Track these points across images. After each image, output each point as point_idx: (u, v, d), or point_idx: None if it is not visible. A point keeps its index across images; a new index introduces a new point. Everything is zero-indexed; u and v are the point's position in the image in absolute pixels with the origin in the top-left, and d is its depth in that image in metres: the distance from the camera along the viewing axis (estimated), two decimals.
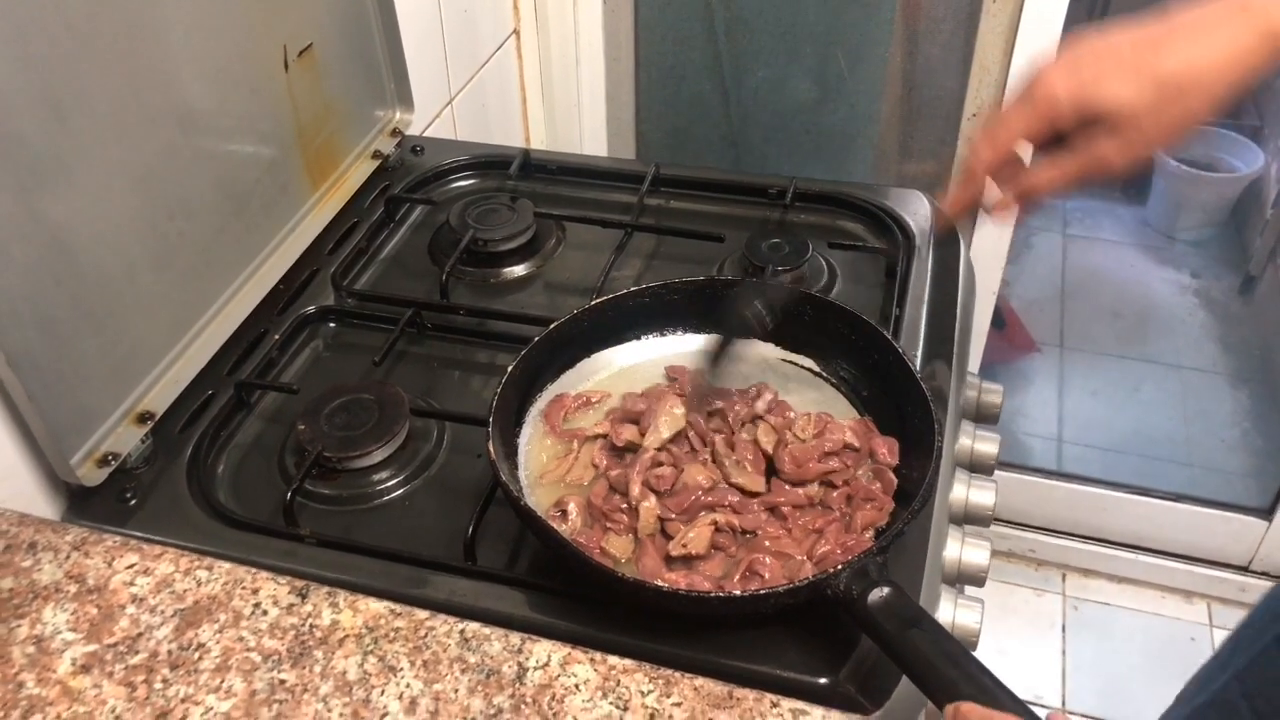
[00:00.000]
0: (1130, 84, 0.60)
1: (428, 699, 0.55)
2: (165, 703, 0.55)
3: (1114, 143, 0.62)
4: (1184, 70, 0.60)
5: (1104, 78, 0.61)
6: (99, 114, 0.70)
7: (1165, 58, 0.60)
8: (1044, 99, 0.63)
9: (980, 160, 0.66)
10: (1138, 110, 0.61)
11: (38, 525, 0.64)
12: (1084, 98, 0.61)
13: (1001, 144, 0.65)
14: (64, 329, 0.70)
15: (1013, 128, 0.65)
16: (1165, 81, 0.60)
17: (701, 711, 0.54)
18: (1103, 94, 0.61)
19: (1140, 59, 0.61)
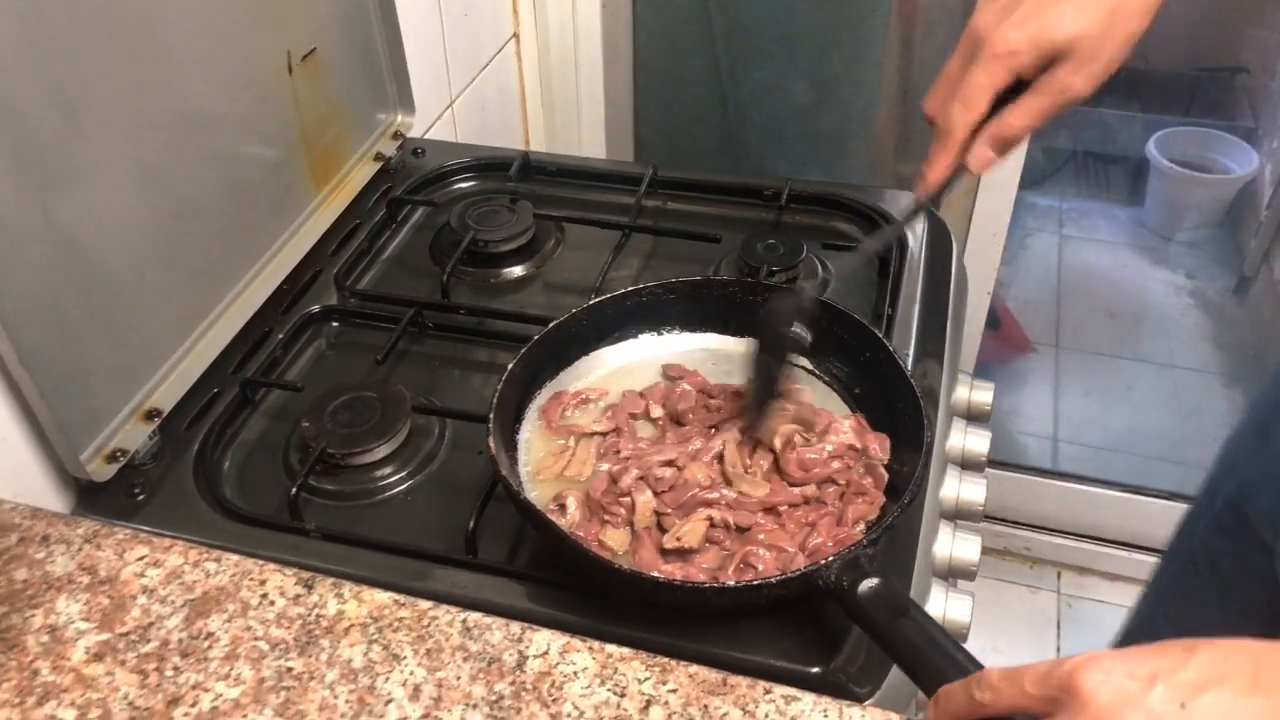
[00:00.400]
0: (1081, 15, 0.65)
1: (431, 686, 0.57)
2: (176, 689, 0.56)
3: (1075, 72, 0.66)
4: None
5: (1055, 18, 0.65)
6: (109, 116, 0.72)
7: None
8: (1004, 53, 0.66)
9: (959, 126, 0.69)
10: (1092, 37, 0.65)
11: (50, 519, 0.65)
12: (1043, 41, 0.65)
13: (975, 106, 0.69)
14: (74, 327, 0.72)
15: (981, 85, 0.68)
16: (1106, 6, 0.65)
17: (696, 698, 0.56)
18: (1060, 32, 0.65)
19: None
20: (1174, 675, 0.45)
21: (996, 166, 0.71)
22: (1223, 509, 1.06)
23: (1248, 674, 0.45)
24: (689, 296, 0.83)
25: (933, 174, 0.73)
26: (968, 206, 1.50)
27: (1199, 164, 2.38)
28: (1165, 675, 0.45)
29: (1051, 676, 0.47)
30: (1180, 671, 0.45)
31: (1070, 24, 0.65)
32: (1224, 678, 0.45)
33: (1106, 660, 0.46)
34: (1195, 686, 0.45)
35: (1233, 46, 2.43)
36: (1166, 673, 0.45)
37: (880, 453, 0.74)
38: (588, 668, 0.58)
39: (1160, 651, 0.46)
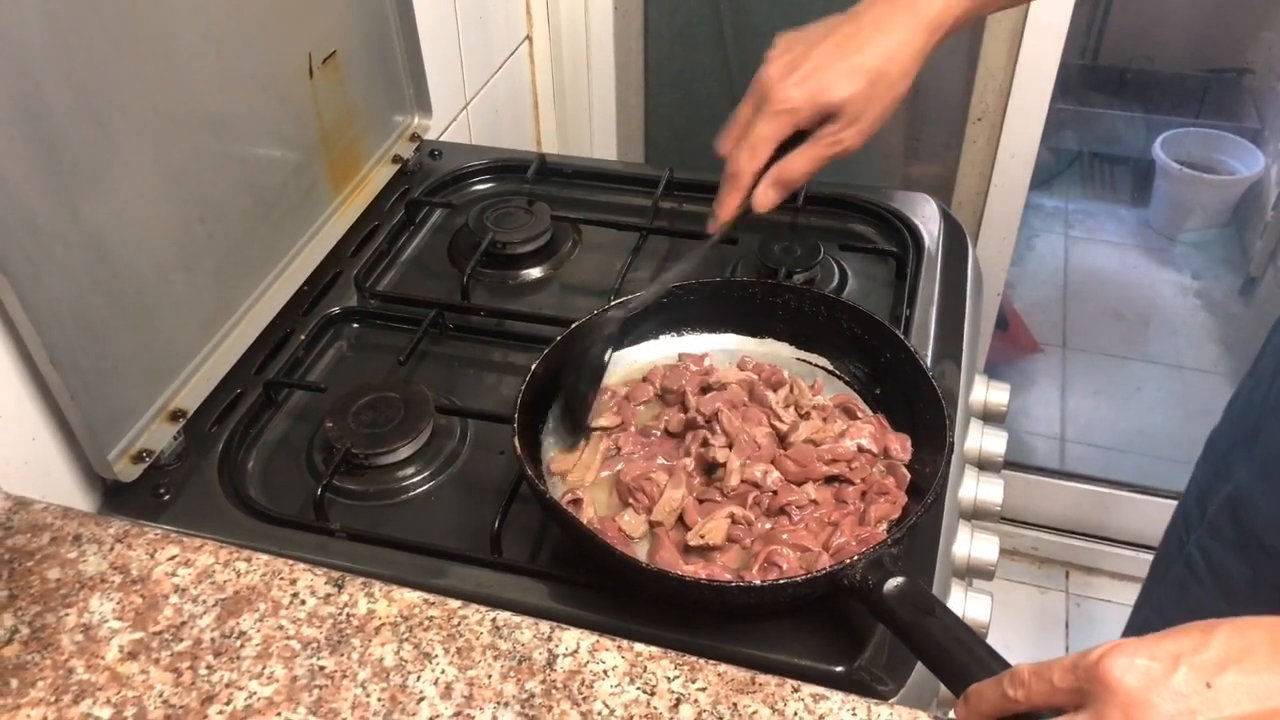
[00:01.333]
0: (849, 82, 0.75)
1: (462, 684, 0.57)
2: (210, 688, 0.57)
3: (846, 128, 0.76)
4: (883, 62, 0.75)
5: (827, 82, 0.75)
6: (136, 120, 0.72)
7: (866, 54, 0.75)
8: (786, 110, 0.76)
9: (745, 169, 0.78)
10: (859, 101, 0.75)
11: (81, 519, 0.66)
12: (818, 100, 0.75)
13: (759, 153, 0.78)
14: (102, 329, 0.72)
15: (766, 136, 0.77)
16: (872, 73, 0.75)
17: (725, 696, 0.57)
18: (831, 96, 0.75)
19: (848, 60, 0.75)
20: (1196, 656, 0.46)
21: (772, 205, 0.80)
22: (1217, 516, 1.06)
23: (1267, 648, 0.46)
24: (709, 297, 0.83)
25: (723, 212, 0.80)
26: (978, 208, 1.51)
27: (1205, 165, 2.39)
28: (1187, 656, 0.46)
29: (1077, 668, 0.47)
30: (1202, 652, 0.46)
31: (842, 88, 0.74)
32: (1244, 653, 0.46)
33: (1129, 647, 0.46)
34: (1217, 665, 0.46)
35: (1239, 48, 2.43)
36: (1188, 654, 0.46)
37: (902, 453, 0.74)
38: (617, 666, 0.58)
39: (1180, 634, 0.47)
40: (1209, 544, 1.08)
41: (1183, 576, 1.12)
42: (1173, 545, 1.16)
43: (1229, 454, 1.08)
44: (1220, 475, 1.07)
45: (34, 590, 0.62)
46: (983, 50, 1.39)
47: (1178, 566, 1.13)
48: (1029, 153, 1.43)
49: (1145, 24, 2.47)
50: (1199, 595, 1.10)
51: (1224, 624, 0.47)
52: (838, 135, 0.76)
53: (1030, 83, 1.37)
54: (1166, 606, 1.17)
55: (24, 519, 0.66)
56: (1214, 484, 1.08)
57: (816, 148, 0.77)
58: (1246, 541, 1.03)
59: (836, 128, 0.76)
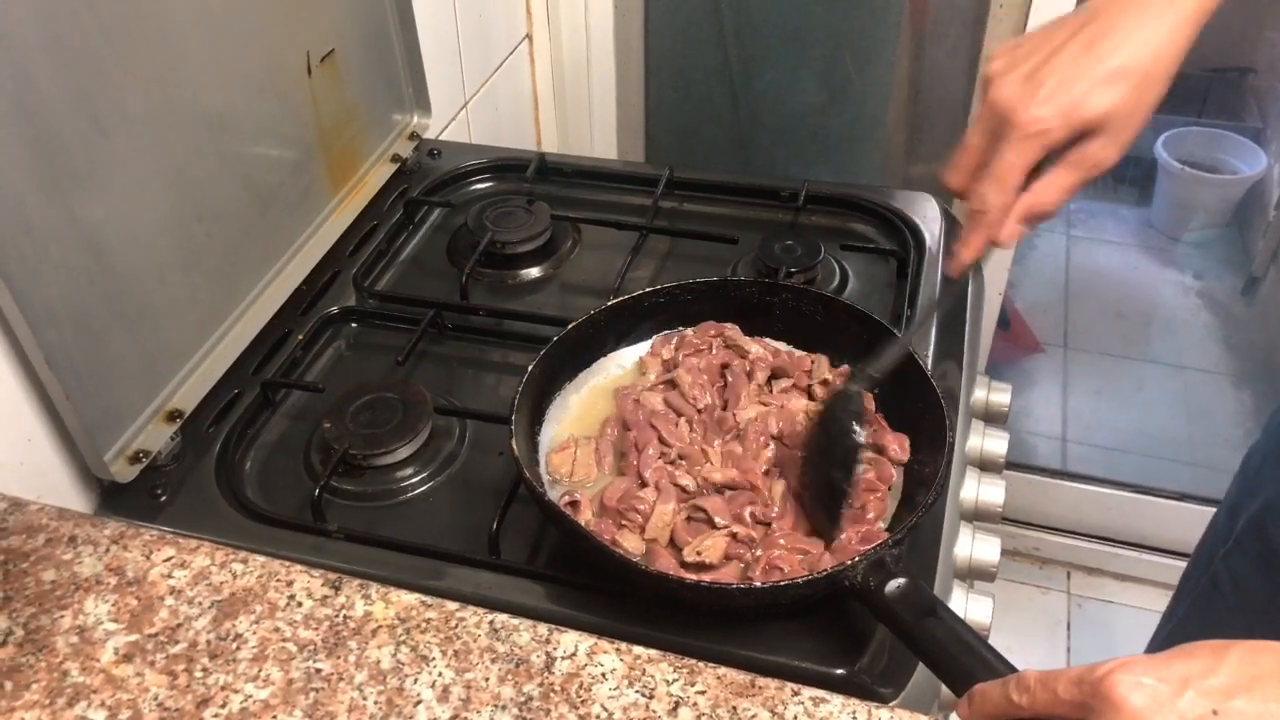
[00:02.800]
0: (1110, 91, 0.63)
1: (459, 687, 0.57)
2: (206, 690, 0.56)
3: (1107, 146, 0.65)
4: (1143, 62, 0.63)
5: (1084, 94, 0.63)
6: (133, 118, 0.72)
7: (1125, 54, 0.63)
8: (1037, 132, 0.64)
9: (994, 205, 0.67)
10: (1121, 111, 0.64)
11: (77, 520, 0.65)
12: (1075, 118, 0.64)
13: (1010, 186, 0.67)
14: (98, 329, 0.72)
15: (1015, 167, 0.66)
16: (1135, 76, 0.63)
17: (725, 699, 0.56)
18: (1091, 109, 0.63)
19: (1103, 64, 0.63)
20: (1205, 680, 0.45)
21: (1019, 239, 0.70)
22: (1245, 530, 1.05)
23: (1277, 677, 0.45)
24: (709, 297, 0.83)
25: (968, 253, 0.70)
26: None
27: (1207, 164, 2.38)
28: (1196, 680, 0.45)
29: (1083, 682, 0.47)
30: (1211, 676, 0.45)
31: (1103, 100, 0.63)
32: (1255, 681, 0.45)
33: (1137, 666, 0.46)
34: (1226, 691, 0.45)
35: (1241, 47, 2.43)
36: (1197, 677, 0.45)
37: (900, 453, 0.74)
38: (616, 669, 0.58)
39: (1190, 655, 0.46)
40: (1235, 559, 1.06)
41: (1207, 591, 1.10)
42: (1201, 560, 1.15)
43: (1261, 469, 1.06)
44: (1252, 491, 1.06)
45: (29, 592, 0.61)
46: (984, 49, 1.38)
47: (1204, 581, 1.11)
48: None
49: None
50: (1221, 610, 1.09)
51: (1236, 647, 0.46)
52: (1098, 155, 0.65)
53: None
54: (1190, 621, 1.16)
55: (19, 520, 0.65)
56: (1245, 499, 1.07)
57: (1073, 172, 0.66)
58: (1270, 557, 1.01)
59: (1096, 146, 0.65)
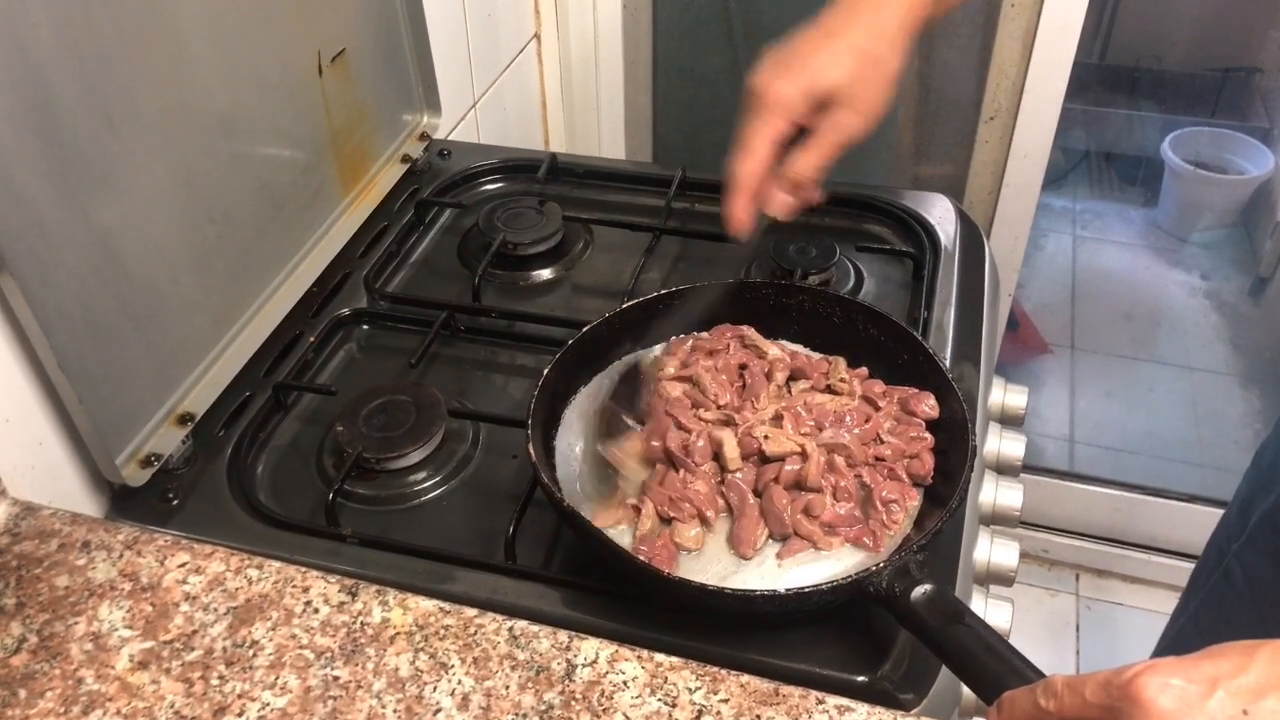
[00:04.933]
0: (838, 65, 0.72)
1: (479, 695, 0.56)
2: (222, 698, 0.56)
3: (847, 113, 0.73)
4: (870, 40, 0.73)
5: (817, 69, 0.72)
6: (146, 119, 0.71)
7: (851, 35, 0.73)
8: (780, 104, 0.73)
9: (748, 176, 0.74)
10: (853, 80, 0.72)
11: (90, 524, 0.65)
12: (810, 88, 0.72)
13: (760, 156, 0.74)
14: (110, 331, 0.71)
15: (765, 138, 0.73)
16: (859, 51, 0.73)
17: (749, 708, 0.55)
18: (823, 80, 0.72)
19: (835, 44, 0.73)
20: (1234, 680, 0.44)
21: (789, 209, 0.76)
22: (1258, 526, 1.04)
23: None
24: (725, 299, 0.82)
25: (735, 223, 0.76)
26: (990, 208, 1.49)
27: (1214, 164, 2.38)
28: (1225, 680, 0.44)
29: (1111, 685, 0.46)
30: (1240, 676, 0.44)
31: (832, 72, 0.72)
32: None
33: (1165, 667, 0.45)
34: (1256, 691, 0.44)
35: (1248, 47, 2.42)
36: (1226, 677, 0.44)
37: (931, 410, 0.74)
38: (637, 677, 0.57)
39: (1218, 655, 0.46)
40: (1248, 556, 1.06)
41: (1220, 586, 1.11)
42: (1213, 555, 1.15)
43: (1275, 464, 1.07)
44: (1265, 487, 1.06)
45: (42, 598, 0.61)
46: (995, 49, 1.38)
47: (1216, 577, 1.12)
48: (1041, 152, 1.42)
49: (1154, 23, 2.46)
50: (1234, 606, 1.08)
51: (1265, 647, 0.45)
52: (838, 120, 0.73)
53: (1043, 82, 1.36)
54: (1202, 616, 1.16)
55: (31, 525, 0.65)
56: (1258, 495, 1.07)
57: (822, 139, 0.74)
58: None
59: (837, 116, 0.73)
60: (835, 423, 0.73)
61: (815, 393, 0.76)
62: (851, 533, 0.67)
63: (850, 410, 0.74)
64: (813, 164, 0.74)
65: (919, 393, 0.75)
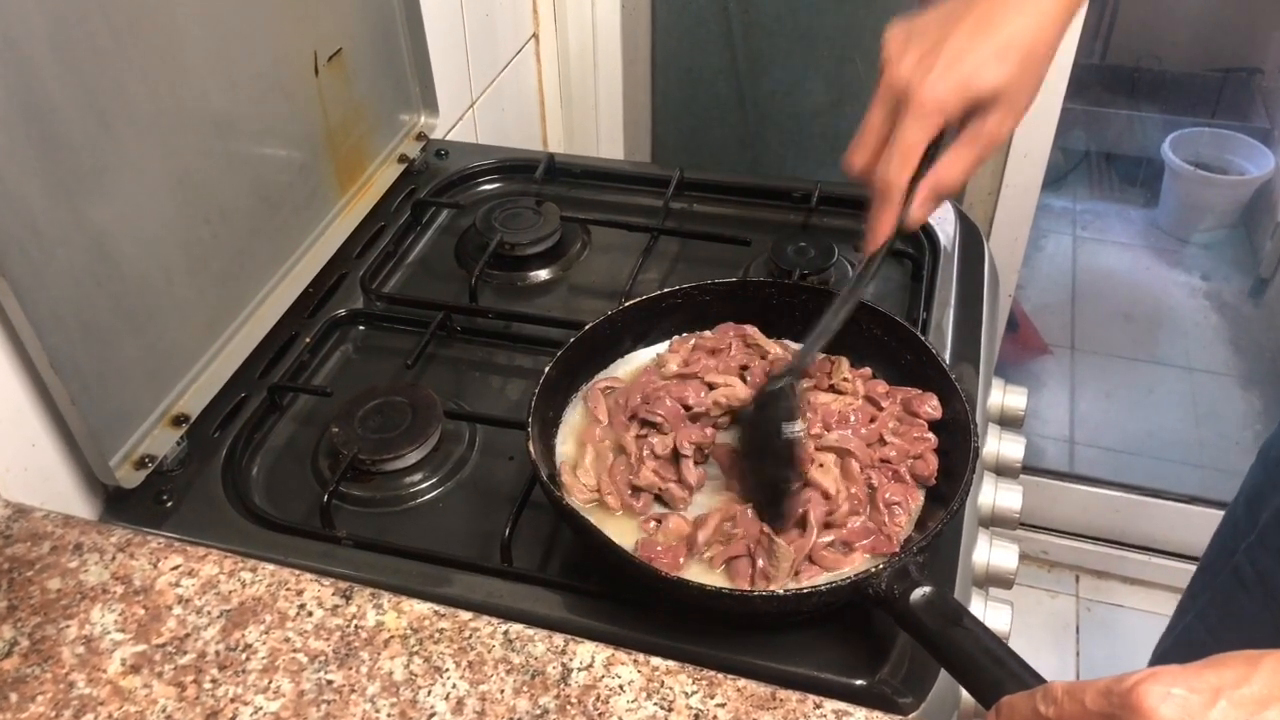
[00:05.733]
0: (1000, 66, 0.66)
1: (474, 699, 0.56)
2: (215, 702, 0.55)
3: (1002, 121, 0.67)
4: (1028, 39, 0.66)
5: (976, 68, 0.66)
6: (140, 119, 0.71)
7: (1007, 32, 0.66)
8: (934, 109, 0.66)
9: (897, 182, 0.69)
10: (1011, 86, 0.66)
11: (82, 527, 0.64)
12: (969, 94, 0.66)
13: (913, 164, 0.68)
14: (104, 332, 0.70)
15: (916, 142, 0.68)
16: (1023, 51, 0.66)
17: (746, 712, 0.55)
18: (983, 85, 0.66)
19: (992, 40, 0.66)
20: (1237, 690, 0.44)
21: (927, 217, 0.72)
22: (1269, 524, 1.04)
23: None
24: (725, 298, 0.81)
25: (880, 232, 0.71)
26: (989, 209, 1.49)
27: (1214, 165, 2.37)
28: (1228, 690, 0.44)
29: (1112, 693, 0.45)
30: (1244, 686, 0.44)
31: (993, 74, 0.66)
32: None
33: (1167, 676, 0.44)
34: (1259, 701, 0.43)
35: (1248, 47, 2.42)
36: (1229, 687, 0.44)
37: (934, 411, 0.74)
38: (633, 681, 0.57)
39: (1221, 664, 0.45)
40: (1258, 554, 1.05)
41: (1229, 585, 1.10)
42: (1220, 553, 1.14)
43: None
44: (1274, 484, 1.05)
45: (34, 601, 0.60)
46: None
47: (1225, 575, 1.11)
48: (1041, 152, 1.41)
49: (1154, 23, 2.45)
50: (1245, 604, 1.08)
51: (1269, 656, 0.45)
52: (994, 129, 0.67)
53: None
54: (1210, 614, 1.15)
55: (24, 527, 0.64)
56: (1266, 493, 1.06)
57: (972, 146, 0.68)
58: None
59: (992, 120, 0.67)
60: (840, 423, 0.73)
61: (818, 392, 0.76)
62: (868, 544, 0.67)
63: (854, 410, 0.73)
64: (963, 173, 0.69)
65: (922, 393, 0.74)
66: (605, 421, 0.75)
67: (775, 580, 0.64)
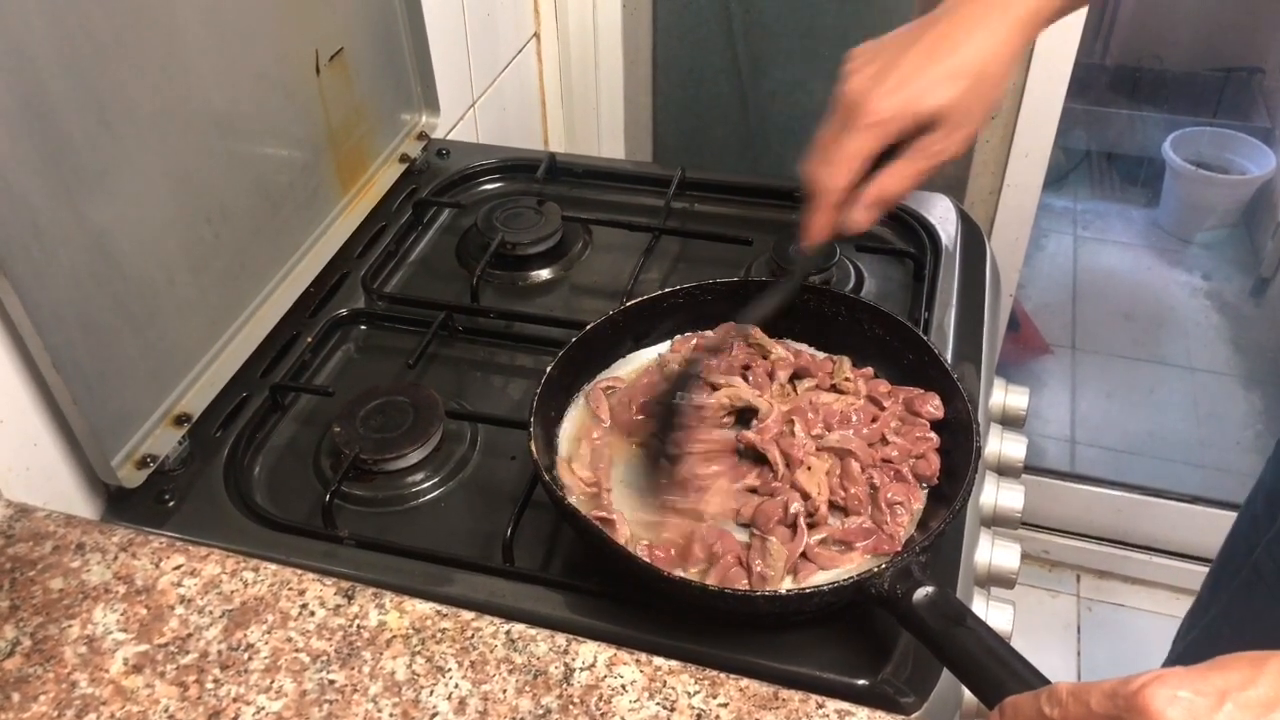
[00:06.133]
0: (945, 88, 0.67)
1: (476, 699, 0.55)
2: (217, 702, 0.55)
3: (946, 138, 0.69)
4: (978, 64, 0.68)
5: (923, 89, 0.67)
6: (142, 118, 0.71)
7: (962, 56, 0.68)
8: (877, 122, 0.68)
9: (833, 190, 0.71)
10: (956, 107, 0.68)
11: (84, 526, 0.64)
12: (912, 112, 0.67)
13: (847, 171, 0.70)
14: (106, 332, 0.70)
15: (855, 153, 0.69)
16: (972, 76, 0.68)
17: (748, 712, 0.55)
18: (927, 104, 0.67)
19: (943, 63, 0.68)
20: (1243, 692, 0.44)
21: (868, 226, 0.72)
22: None
23: None
24: (727, 297, 0.81)
25: (812, 235, 0.73)
26: (991, 208, 1.49)
27: (1215, 164, 2.37)
28: (1234, 692, 0.44)
29: (1117, 695, 0.45)
30: (1250, 688, 0.44)
31: (940, 94, 0.67)
32: None
33: (1173, 678, 0.44)
34: (1266, 704, 0.43)
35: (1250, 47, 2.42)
36: (1235, 690, 0.44)
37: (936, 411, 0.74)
38: (636, 681, 0.57)
39: (1227, 666, 0.45)
40: (1279, 550, 1.05)
41: (1250, 580, 1.09)
42: (1239, 548, 1.13)
43: None
44: None
45: (36, 601, 0.60)
46: None
47: (1246, 570, 1.10)
48: (1043, 152, 1.41)
49: (1155, 23, 2.45)
50: (1265, 600, 1.07)
51: (1274, 658, 0.45)
52: (938, 146, 0.69)
53: (1044, 82, 1.35)
54: (1232, 611, 1.14)
55: (26, 527, 0.64)
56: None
57: (915, 161, 0.70)
58: None
59: (936, 138, 0.69)
60: (842, 423, 0.73)
61: (820, 392, 0.76)
62: (870, 544, 0.67)
63: (856, 410, 0.73)
64: (904, 186, 0.71)
65: (924, 393, 0.74)
66: (607, 422, 0.75)
67: (772, 580, 0.64)
